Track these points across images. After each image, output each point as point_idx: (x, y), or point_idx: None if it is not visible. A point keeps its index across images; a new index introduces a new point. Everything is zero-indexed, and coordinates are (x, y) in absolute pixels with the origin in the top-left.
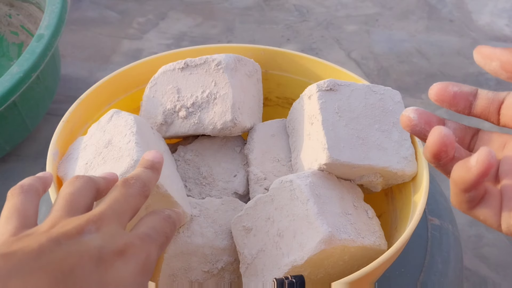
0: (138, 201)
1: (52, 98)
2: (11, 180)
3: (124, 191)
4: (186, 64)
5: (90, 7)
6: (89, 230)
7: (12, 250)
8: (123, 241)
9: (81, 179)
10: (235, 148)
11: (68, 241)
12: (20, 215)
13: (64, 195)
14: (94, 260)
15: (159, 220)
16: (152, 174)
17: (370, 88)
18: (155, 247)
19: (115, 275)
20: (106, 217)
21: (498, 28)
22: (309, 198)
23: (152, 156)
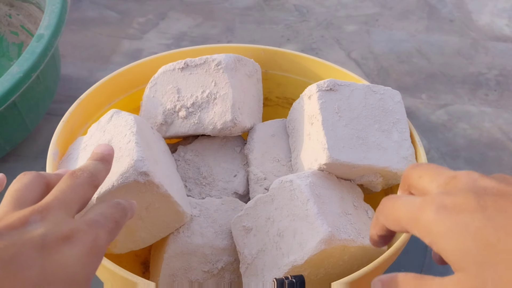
0: (87, 191)
1: (52, 98)
2: (11, 180)
3: (70, 182)
4: (186, 64)
5: (90, 7)
6: (34, 220)
7: None
8: (68, 227)
9: (28, 175)
10: (235, 148)
11: (10, 231)
12: None
13: (11, 192)
14: (38, 247)
15: (108, 207)
16: (101, 165)
17: (370, 88)
18: (103, 232)
19: (60, 258)
20: (51, 207)
21: (498, 28)
22: (309, 198)
23: (102, 149)
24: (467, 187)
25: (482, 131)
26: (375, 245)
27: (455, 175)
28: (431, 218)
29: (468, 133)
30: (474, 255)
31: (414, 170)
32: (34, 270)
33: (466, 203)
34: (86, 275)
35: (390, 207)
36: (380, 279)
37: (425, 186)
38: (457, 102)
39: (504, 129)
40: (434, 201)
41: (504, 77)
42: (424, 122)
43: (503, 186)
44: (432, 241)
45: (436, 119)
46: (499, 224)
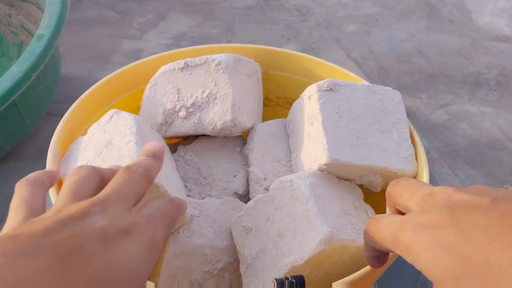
0: (142, 185)
1: (52, 98)
2: (11, 180)
3: (127, 176)
4: (186, 64)
5: (90, 7)
6: (94, 212)
7: (19, 232)
8: (128, 221)
9: (84, 168)
10: (235, 148)
11: (74, 222)
12: (27, 206)
13: (68, 184)
14: (100, 239)
15: (164, 202)
16: (154, 161)
17: (370, 88)
18: (161, 227)
19: (122, 252)
20: (110, 200)
21: (498, 28)
22: (309, 198)
23: (154, 146)
24: (442, 203)
25: (482, 131)
26: (373, 266)
27: (431, 191)
28: (410, 238)
29: (468, 133)
30: (450, 270)
31: (395, 188)
32: (98, 262)
33: (441, 219)
34: (146, 270)
35: (374, 228)
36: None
37: (406, 203)
38: (457, 102)
39: (504, 129)
40: (412, 220)
41: (504, 77)
42: (424, 122)
43: (477, 198)
44: (413, 260)
45: (436, 119)
46: (471, 237)
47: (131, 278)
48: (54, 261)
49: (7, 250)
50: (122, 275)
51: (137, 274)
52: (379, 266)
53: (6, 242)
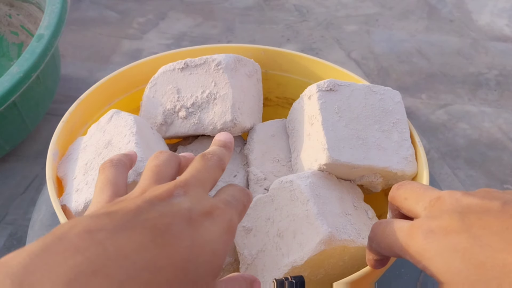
0: (217, 172)
1: (52, 98)
2: (11, 180)
3: (204, 163)
4: (186, 64)
5: (90, 7)
6: (177, 193)
7: (114, 210)
8: (209, 204)
9: (165, 153)
10: (235, 148)
11: (160, 202)
12: (112, 185)
13: (150, 167)
14: (186, 220)
15: (237, 190)
16: (225, 151)
17: (370, 88)
18: (235, 212)
19: (205, 233)
20: (191, 183)
21: (498, 28)
22: (309, 198)
23: (224, 137)
24: (452, 207)
25: (482, 131)
26: (375, 268)
27: (439, 196)
28: (420, 244)
29: (468, 133)
30: (465, 276)
31: (399, 191)
32: (186, 241)
33: (452, 224)
34: (225, 252)
35: (380, 234)
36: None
37: (411, 208)
38: (457, 102)
39: (504, 129)
40: (422, 226)
41: (504, 77)
42: (424, 122)
43: (486, 202)
44: (425, 266)
45: (436, 119)
46: (484, 242)
47: (212, 258)
48: (147, 239)
49: (106, 226)
50: (206, 255)
51: (217, 254)
52: (382, 267)
53: (104, 218)
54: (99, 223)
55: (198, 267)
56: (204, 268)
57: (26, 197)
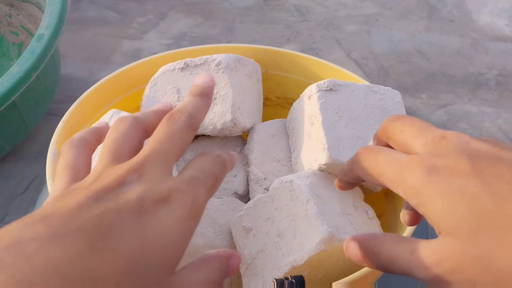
0: (186, 137)
1: (52, 98)
2: (11, 180)
3: (169, 129)
4: (186, 64)
5: (90, 7)
6: (130, 179)
7: (50, 212)
8: (166, 187)
9: (125, 121)
10: (235, 148)
11: (106, 195)
12: (70, 169)
13: (107, 142)
14: (134, 213)
15: (208, 161)
16: (201, 102)
17: (370, 88)
18: (203, 189)
19: (158, 224)
20: (149, 162)
21: (498, 28)
22: (309, 198)
23: (202, 80)
24: (460, 148)
25: (482, 131)
26: (341, 189)
27: (445, 134)
28: (420, 180)
29: (468, 133)
30: (468, 221)
31: (395, 123)
32: (132, 241)
33: (460, 165)
34: (183, 242)
35: (370, 160)
36: (354, 238)
37: (408, 141)
38: (457, 102)
39: (504, 129)
40: (424, 161)
41: (504, 77)
42: None
43: (497, 149)
44: (420, 203)
45: (436, 119)
46: (495, 190)
47: (166, 252)
48: (84, 245)
49: (39, 234)
50: (157, 252)
51: (174, 247)
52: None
53: (38, 225)
54: (31, 231)
55: (148, 268)
56: (155, 267)
57: (26, 197)
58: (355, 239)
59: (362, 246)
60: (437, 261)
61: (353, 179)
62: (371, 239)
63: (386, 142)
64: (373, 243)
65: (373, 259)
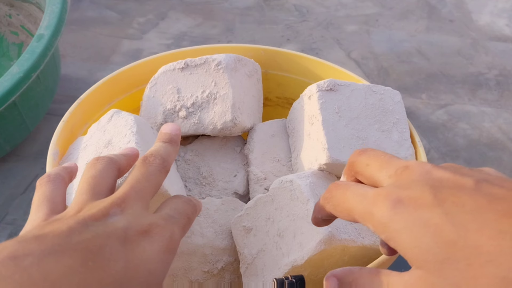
0: (159, 178)
1: (52, 98)
2: (11, 180)
3: (144, 170)
4: (186, 64)
5: (90, 7)
6: (114, 212)
7: (44, 233)
8: (147, 222)
9: (102, 160)
10: (235, 148)
11: (94, 222)
12: (49, 202)
13: (86, 178)
14: (121, 240)
15: (181, 203)
16: (171, 147)
17: (370, 88)
18: (177, 228)
19: (141, 253)
20: (129, 199)
21: (498, 28)
22: (309, 198)
23: (170, 129)
24: (422, 179)
25: (482, 131)
26: (317, 225)
27: (407, 165)
28: (387, 214)
29: (468, 133)
30: (434, 253)
31: (361, 157)
32: (119, 263)
33: (423, 197)
34: (163, 270)
35: (339, 196)
36: (333, 274)
37: (373, 175)
38: (457, 102)
39: (504, 129)
40: (389, 195)
41: (504, 77)
42: (424, 122)
43: (458, 177)
44: (389, 237)
45: (436, 119)
46: (458, 220)
47: (149, 279)
48: (77, 262)
49: (34, 250)
50: (141, 276)
51: (155, 274)
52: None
53: (33, 242)
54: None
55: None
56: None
57: (26, 197)
58: (334, 275)
59: (341, 282)
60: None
61: (326, 216)
62: (349, 274)
63: (355, 177)
64: (351, 278)
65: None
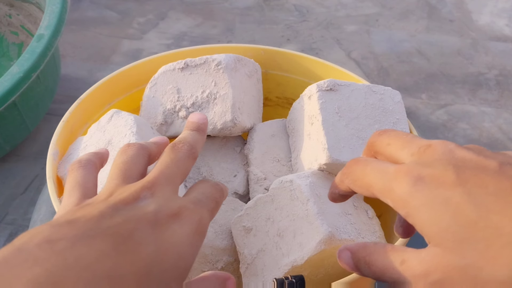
0: (187, 164)
1: (52, 98)
2: (11, 180)
3: (174, 156)
4: (186, 64)
5: (90, 7)
6: (144, 196)
7: (76, 217)
8: (177, 205)
9: (133, 147)
10: (235, 148)
11: (125, 206)
12: (80, 187)
13: (117, 164)
14: (151, 224)
15: (209, 186)
16: (198, 135)
17: (370, 88)
18: (206, 211)
19: (171, 236)
20: (159, 183)
21: (498, 28)
22: (309, 198)
23: (197, 118)
24: (445, 158)
25: (482, 131)
26: (334, 201)
27: (430, 144)
28: (407, 190)
29: (468, 133)
30: (453, 232)
31: (381, 137)
32: (150, 247)
33: (445, 175)
34: (193, 254)
35: (359, 171)
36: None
37: (394, 153)
38: (457, 102)
39: (504, 129)
40: (411, 171)
41: (504, 77)
42: (424, 122)
43: (482, 159)
44: (408, 214)
45: (436, 119)
46: (480, 201)
47: (179, 262)
48: (109, 246)
49: (67, 235)
50: (171, 259)
51: (184, 257)
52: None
53: (66, 227)
54: (60, 232)
55: (163, 272)
56: (170, 273)
57: (26, 197)
58: (348, 248)
59: (354, 255)
60: (426, 272)
61: (344, 191)
62: (363, 248)
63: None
64: (364, 252)
65: (364, 269)
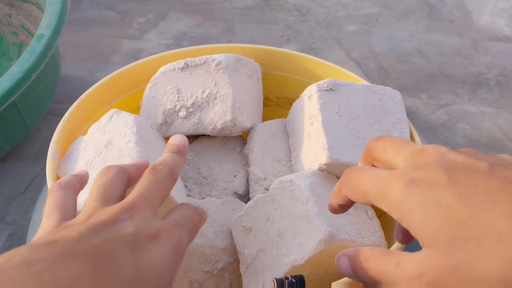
0: (167, 186)
1: (52, 98)
2: (11, 180)
3: (153, 178)
4: (186, 64)
5: (90, 7)
6: (123, 218)
7: (55, 239)
8: (155, 227)
9: (112, 169)
10: (235, 148)
11: (104, 228)
12: (60, 209)
13: (97, 186)
14: (130, 245)
15: (188, 210)
16: (178, 158)
17: (370, 88)
18: (185, 233)
19: (150, 257)
20: (138, 205)
21: (498, 28)
22: (309, 198)
23: (177, 140)
24: (437, 161)
25: (482, 131)
26: (334, 212)
27: (423, 148)
28: (400, 193)
29: (468, 133)
30: (445, 232)
31: (378, 143)
32: (128, 267)
33: (437, 178)
34: (171, 275)
35: (355, 179)
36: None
37: (390, 159)
38: (457, 102)
39: (504, 129)
40: (403, 175)
41: (504, 77)
42: (424, 122)
43: (473, 161)
44: (401, 217)
45: (436, 119)
46: (470, 200)
47: (157, 283)
48: (88, 267)
49: (45, 256)
50: (149, 279)
51: (162, 278)
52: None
53: (44, 248)
54: (38, 254)
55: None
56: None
57: (26, 197)
58: (346, 254)
59: (352, 261)
60: (420, 273)
61: (342, 201)
62: (359, 254)
63: (372, 163)
64: (361, 258)
65: (361, 273)
